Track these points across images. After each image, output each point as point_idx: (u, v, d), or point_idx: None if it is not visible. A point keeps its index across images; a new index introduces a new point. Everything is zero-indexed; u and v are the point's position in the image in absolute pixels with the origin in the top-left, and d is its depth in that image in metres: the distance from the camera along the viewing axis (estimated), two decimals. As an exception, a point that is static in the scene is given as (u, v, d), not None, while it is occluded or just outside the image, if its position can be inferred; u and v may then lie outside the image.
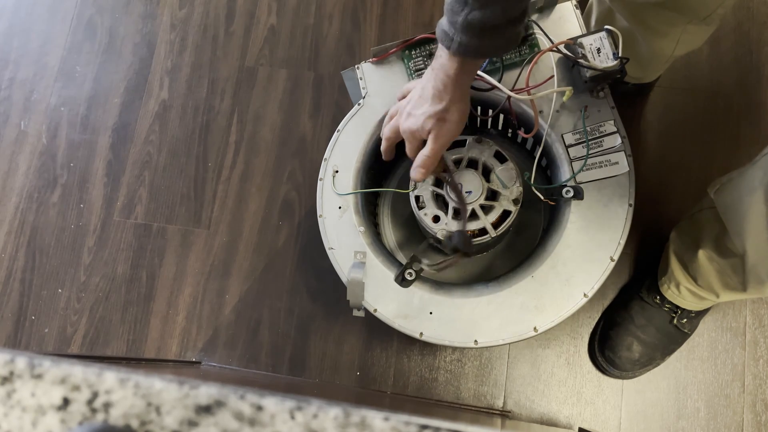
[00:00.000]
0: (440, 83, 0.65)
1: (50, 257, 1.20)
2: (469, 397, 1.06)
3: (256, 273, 1.15)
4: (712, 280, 0.87)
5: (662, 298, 0.98)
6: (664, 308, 0.99)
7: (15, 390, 0.30)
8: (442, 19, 0.61)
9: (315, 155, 1.19)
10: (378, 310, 0.75)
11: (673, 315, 0.98)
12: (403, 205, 0.91)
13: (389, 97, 0.83)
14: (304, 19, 1.29)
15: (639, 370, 1.01)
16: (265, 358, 1.11)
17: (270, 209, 1.18)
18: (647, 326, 0.99)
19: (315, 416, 0.28)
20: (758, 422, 0.99)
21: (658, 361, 1.01)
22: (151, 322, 1.15)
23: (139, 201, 1.21)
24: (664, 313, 0.99)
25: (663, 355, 1.01)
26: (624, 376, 1.02)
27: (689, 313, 0.98)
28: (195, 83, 1.27)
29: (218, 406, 0.29)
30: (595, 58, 0.75)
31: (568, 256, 0.74)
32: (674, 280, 0.95)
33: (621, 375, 1.02)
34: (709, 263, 0.86)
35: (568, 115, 0.78)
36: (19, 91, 1.31)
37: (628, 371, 1.01)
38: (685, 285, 0.94)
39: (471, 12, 0.56)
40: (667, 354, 1.01)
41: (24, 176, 1.25)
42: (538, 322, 0.73)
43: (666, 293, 0.98)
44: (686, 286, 0.94)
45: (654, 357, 1.01)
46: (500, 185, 0.77)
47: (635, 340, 0.99)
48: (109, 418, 0.29)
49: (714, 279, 0.87)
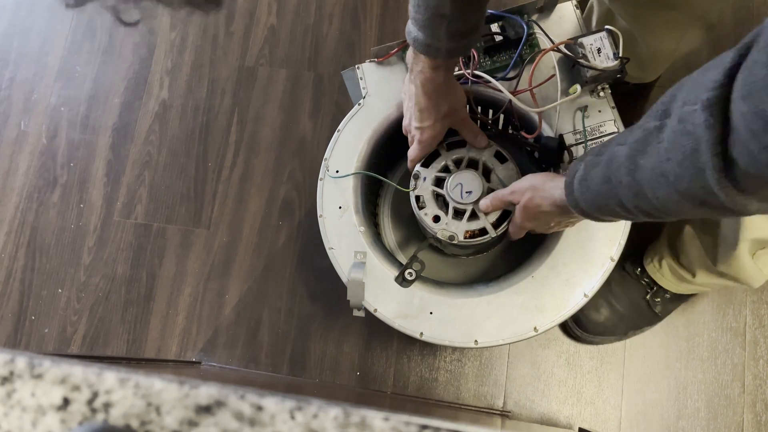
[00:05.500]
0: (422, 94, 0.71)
1: (50, 257, 1.20)
2: (469, 397, 1.06)
3: (256, 273, 1.15)
4: (693, 256, 0.90)
5: (642, 271, 1.01)
6: (642, 281, 1.01)
7: (15, 390, 0.30)
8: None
9: (315, 155, 1.19)
10: (378, 310, 0.75)
11: (648, 290, 1.01)
12: (404, 205, 0.91)
13: (389, 97, 0.83)
14: (304, 19, 1.29)
15: (599, 336, 1.02)
16: (265, 358, 1.11)
17: (270, 209, 1.18)
18: (622, 296, 1.02)
19: (315, 416, 0.28)
20: (758, 422, 0.99)
21: (620, 335, 1.03)
22: (151, 322, 1.15)
23: (139, 201, 1.21)
24: (641, 287, 1.01)
25: (626, 329, 1.02)
26: (584, 338, 1.03)
27: (665, 292, 1.00)
28: (195, 83, 1.27)
29: (218, 406, 0.29)
30: (595, 58, 0.75)
31: (568, 256, 0.74)
32: (658, 253, 0.98)
33: (582, 336, 1.03)
34: (692, 239, 0.89)
35: (568, 116, 0.78)
36: (19, 91, 1.31)
37: (589, 333, 1.02)
38: (667, 260, 0.96)
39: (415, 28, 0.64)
40: (631, 329, 1.02)
41: (24, 176, 1.25)
42: (538, 322, 0.73)
43: (648, 266, 1.00)
44: (668, 262, 0.96)
45: (618, 327, 1.02)
46: (500, 185, 0.77)
47: (605, 303, 1.01)
48: (109, 418, 0.29)
49: (694, 256, 0.89)
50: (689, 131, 0.40)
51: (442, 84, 0.70)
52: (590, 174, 0.53)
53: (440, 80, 0.69)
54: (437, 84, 0.69)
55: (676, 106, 0.42)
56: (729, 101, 0.37)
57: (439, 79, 0.69)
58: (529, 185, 0.67)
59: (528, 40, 0.81)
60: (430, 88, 0.70)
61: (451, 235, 0.76)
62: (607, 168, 0.51)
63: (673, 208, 0.45)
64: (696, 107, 0.39)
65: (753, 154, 0.36)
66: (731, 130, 0.37)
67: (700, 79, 0.40)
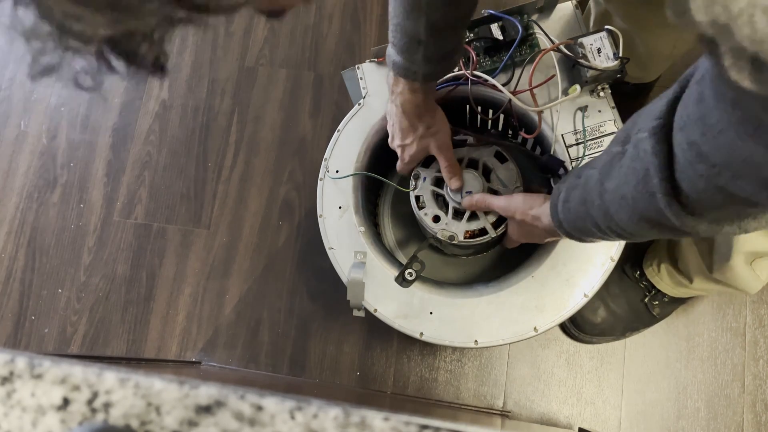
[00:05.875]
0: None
1: (50, 257, 1.20)
2: (469, 397, 1.06)
3: (256, 273, 1.15)
4: (690, 263, 0.90)
5: (641, 274, 1.01)
6: (641, 285, 1.01)
7: (15, 390, 0.30)
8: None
9: (315, 155, 1.19)
10: (378, 310, 0.75)
11: (647, 294, 1.01)
12: (403, 205, 0.91)
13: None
14: (304, 19, 1.29)
15: (596, 337, 1.03)
16: (265, 358, 1.11)
17: (270, 209, 1.18)
18: (619, 297, 1.02)
19: (315, 416, 0.28)
20: (758, 422, 0.99)
21: (618, 335, 1.03)
22: (151, 322, 1.15)
23: (139, 201, 1.21)
24: (639, 290, 1.01)
25: (624, 331, 1.02)
26: (581, 338, 1.03)
27: (663, 296, 1.00)
28: (195, 83, 1.27)
29: (218, 406, 0.29)
30: (595, 58, 0.75)
31: (568, 256, 0.74)
32: (657, 258, 0.98)
33: (579, 336, 1.03)
34: (689, 246, 0.89)
35: (568, 116, 0.78)
36: (19, 91, 1.31)
37: (587, 333, 1.02)
38: (665, 265, 0.96)
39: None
40: (628, 331, 1.03)
41: (24, 176, 1.25)
42: (538, 322, 0.73)
43: (647, 270, 1.00)
44: (666, 267, 0.96)
45: (615, 328, 1.02)
46: (500, 185, 0.77)
47: (603, 305, 1.02)
48: (109, 418, 0.29)
49: (692, 262, 0.90)
50: (641, 157, 0.43)
51: (421, 105, 0.72)
52: (570, 195, 0.56)
53: (419, 101, 0.71)
54: (416, 105, 0.72)
55: (633, 133, 0.45)
56: (671, 130, 0.40)
57: (417, 100, 0.71)
58: (521, 208, 0.69)
59: (527, 40, 0.81)
60: (409, 109, 0.72)
61: (451, 235, 0.76)
62: (584, 190, 0.53)
63: (635, 229, 0.48)
64: (645, 134, 0.42)
65: (692, 179, 0.39)
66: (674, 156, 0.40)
67: (652, 107, 0.43)
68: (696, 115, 0.37)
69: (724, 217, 0.42)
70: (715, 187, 0.38)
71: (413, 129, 0.75)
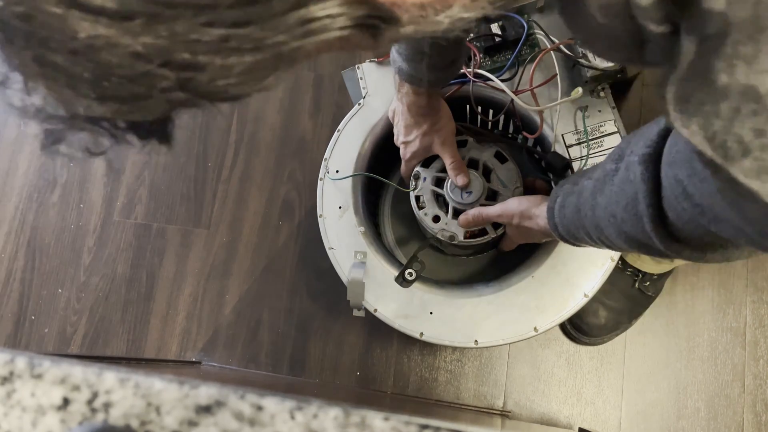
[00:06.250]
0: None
1: (50, 257, 1.20)
2: (469, 397, 1.06)
3: (256, 273, 1.15)
4: None
5: (623, 262, 1.01)
6: (627, 272, 1.01)
7: (15, 390, 0.30)
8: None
9: (315, 155, 1.19)
10: (378, 310, 0.75)
11: (635, 278, 1.01)
12: (404, 204, 0.91)
13: (389, 96, 0.82)
14: (304, 19, 1.28)
15: (607, 335, 1.03)
16: (265, 358, 1.11)
17: (270, 209, 1.18)
18: (611, 291, 1.02)
19: (315, 416, 0.28)
20: (758, 422, 0.99)
21: (626, 324, 1.03)
22: (151, 322, 1.15)
23: (139, 201, 1.21)
24: (627, 277, 1.01)
25: (630, 319, 1.03)
26: (594, 342, 1.03)
27: (651, 276, 1.01)
28: (195, 83, 1.27)
29: (218, 406, 0.29)
30: (595, 57, 0.75)
31: (568, 256, 0.74)
32: None
33: (590, 341, 1.03)
34: None
35: (568, 116, 0.78)
36: (19, 91, 1.31)
37: (597, 336, 1.02)
38: None
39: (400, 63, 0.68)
40: (634, 317, 1.03)
41: (24, 176, 1.25)
42: (538, 322, 0.73)
43: (626, 256, 1.00)
44: None
45: (621, 321, 1.02)
46: (500, 185, 0.77)
47: (600, 305, 1.01)
48: (109, 418, 0.29)
49: None
50: (631, 179, 0.44)
51: (425, 105, 0.74)
52: (566, 201, 0.57)
53: (423, 102, 0.73)
54: (420, 106, 0.74)
55: (627, 153, 0.46)
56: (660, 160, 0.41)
57: (422, 102, 0.73)
58: (517, 210, 0.70)
59: (528, 39, 0.81)
60: (414, 109, 0.74)
61: (451, 235, 0.76)
62: (579, 199, 0.54)
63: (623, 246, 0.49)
64: (636, 159, 0.43)
65: (677, 211, 0.40)
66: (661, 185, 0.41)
67: (646, 132, 0.44)
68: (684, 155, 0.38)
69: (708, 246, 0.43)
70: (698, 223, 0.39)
71: (417, 126, 0.76)
